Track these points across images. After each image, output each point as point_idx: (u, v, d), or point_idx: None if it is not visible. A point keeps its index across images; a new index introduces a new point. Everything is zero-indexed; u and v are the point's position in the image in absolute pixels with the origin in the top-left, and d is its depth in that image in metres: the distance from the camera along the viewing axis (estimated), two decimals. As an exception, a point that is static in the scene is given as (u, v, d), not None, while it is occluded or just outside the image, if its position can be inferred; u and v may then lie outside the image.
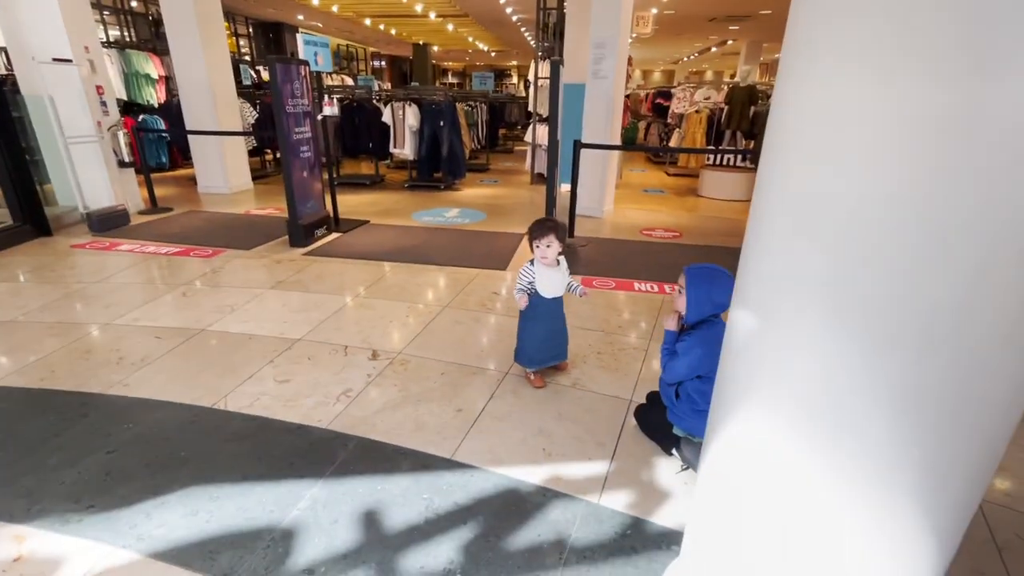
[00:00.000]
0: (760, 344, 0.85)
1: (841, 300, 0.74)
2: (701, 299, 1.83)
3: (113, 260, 4.26)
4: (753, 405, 0.89)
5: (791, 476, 0.87)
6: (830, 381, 0.77)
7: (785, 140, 0.82)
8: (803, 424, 0.82)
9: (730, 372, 0.96)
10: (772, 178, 0.85)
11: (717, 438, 1.02)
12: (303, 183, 4.74)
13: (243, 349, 2.84)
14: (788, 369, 0.82)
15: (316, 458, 2.00)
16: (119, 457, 2.00)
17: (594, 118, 5.60)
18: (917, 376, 0.72)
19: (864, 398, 0.75)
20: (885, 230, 0.69)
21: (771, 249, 0.83)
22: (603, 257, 4.54)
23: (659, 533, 1.69)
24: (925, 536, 0.83)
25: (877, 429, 0.77)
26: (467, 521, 1.72)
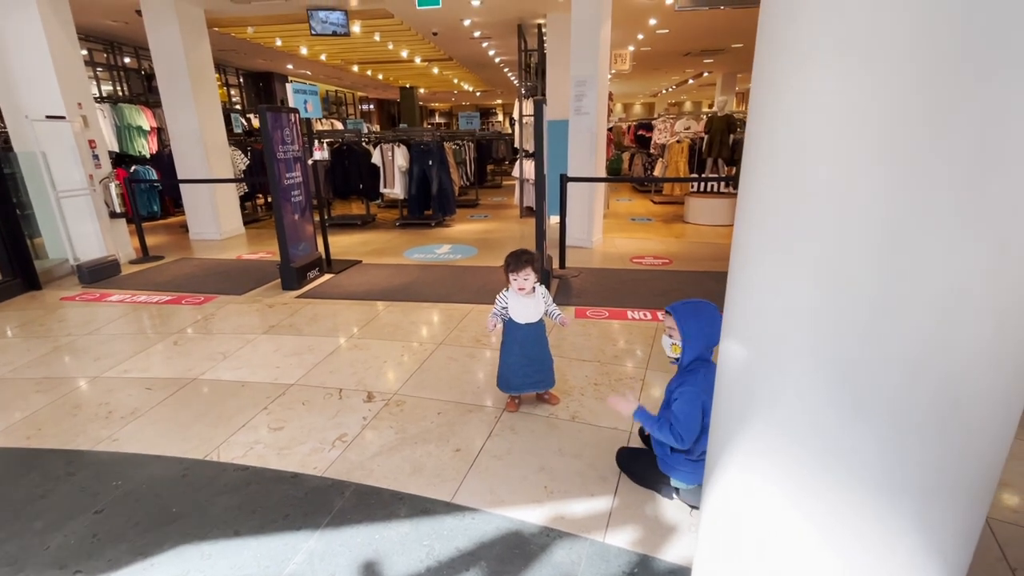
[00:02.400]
0: (750, 375, 0.86)
1: (827, 327, 0.75)
2: (694, 334, 1.80)
3: (103, 311, 4.22)
4: (747, 437, 0.89)
5: (789, 509, 0.86)
6: (819, 409, 0.77)
7: (759, 166, 0.85)
8: (797, 454, 0.82)
9: (724, 406, 0.96)
10: (751, 210, 0.88)
11: (716, 474, 1.02)
12: (294, 226, 4.78)
13: (236, 397, 2.79)
14: (778, 398, 0.82)
15: (312, 508, 1.95)
16: (107, 517, 1.93)
17: (578, 152, 5.74)
18: (908, 398, 0.72)
19: (856, 424, 0.75)
20: (867, 253, 0.71)
21: (754, 280, 0.85)
22: (595, 287, 4.57)
23: (667, 570, 1.65)
24: (931, 558, 0.82)
25: (870, 455, 0.77)
26: (470, 567, 1.67)
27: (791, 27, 0.74)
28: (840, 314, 0.74)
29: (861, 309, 0.72)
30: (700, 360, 1.83)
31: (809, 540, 0.85)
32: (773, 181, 0.80)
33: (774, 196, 0.80)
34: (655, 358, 3.13)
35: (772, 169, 0.81)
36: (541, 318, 2.46)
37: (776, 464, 0.85)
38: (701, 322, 1.80)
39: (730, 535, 1.00)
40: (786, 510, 0.86)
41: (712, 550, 1.08)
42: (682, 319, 1.82)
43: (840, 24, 0.68)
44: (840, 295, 0.74)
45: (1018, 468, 2.08)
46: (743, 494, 0.93)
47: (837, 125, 0.70)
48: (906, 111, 0.65)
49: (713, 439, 1.03)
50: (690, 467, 1.85)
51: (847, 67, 0.69)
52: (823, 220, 0.73)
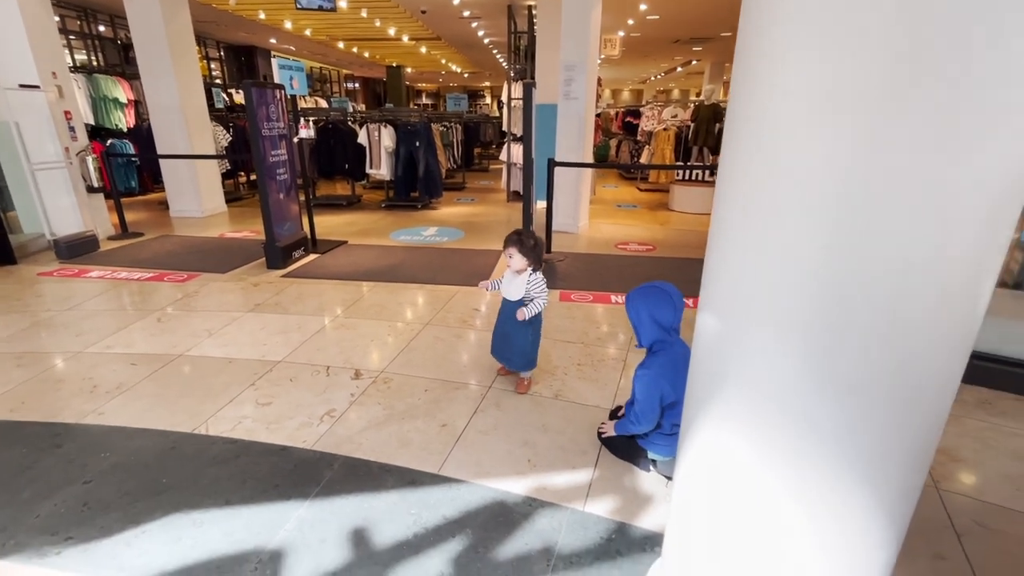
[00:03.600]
0: (724, 345, 0.93)
1: (792, 300, 0.82)
2: (641, 318, 1.88)
3: (82, 287, 4.16)
4: (719, 406, 0.96)
5: (755, 472, 0.94)
6: (785, 378, 0.85)
7: (738, 145, 0.91)
8: (765, 421, 0.89)
9: (699, 375, 1.03)
10: (729, 187, 0.94)
11: (689, 440, 1.09)
12: (280, 205, 4.74)
13: (223, 373, 2.81)
14: (748, 366, 0.89)
15: (301, 479, 2.00)
16: (96, 487, 1.95)
17: (567, 137, 5.76)
18: (862, 367, 0.80)
19: (816, 393, 0.83)
20: (828, 232, 0.78)
21: (729, 255, 0.91)
22: (580, 271, 4.64)
23: (643, 536, 1.75)
24: (879, 512, 0.91)
25: (830, 422, 0.85)
26: (456, 534, 1.74)
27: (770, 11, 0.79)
28: (803, 287, 0.81)
29: (822, 283, 0.79)
30: (661, 342, 1.90)
31: (775, 496, 0.93)
32: (748, 158, 0.86)
33: (748, 173, 0.86)
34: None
35: (748, 147, 0.86)
36: (520, 300, 2.50)
37: (745, 427, 0.92)
38: (649, 304, 1.86)
39: (701, 493, 1.08)
40: (754, 470, 0.93)
41: (684, 508, 1.16)
42: (630, 305, 1.90)
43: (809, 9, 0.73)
44: (802, 270, 0.80)
45: (970, 444, 2.22)
46: (714, 455, 1.01)
47: (805, 108, 0.76)
48: (866, 98, 0.71)
49: (688, 406, 1.10)
50: (665, 441, 1.95)
51: (815, 54, 0.74)
52: (790, 200, 0.79)
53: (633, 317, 1.89)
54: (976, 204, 0.72)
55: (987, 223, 0.73)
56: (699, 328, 1.03)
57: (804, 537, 0.94)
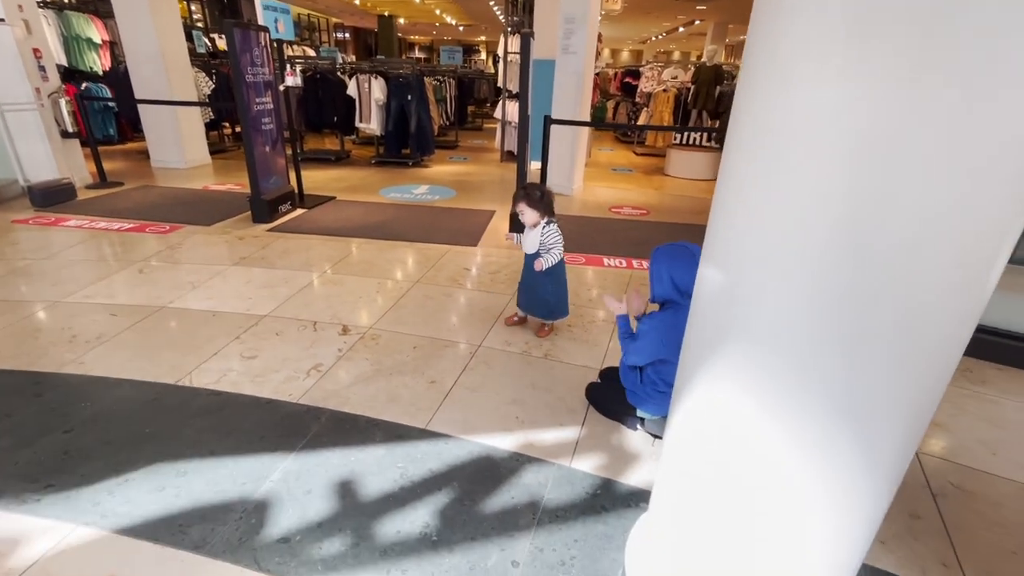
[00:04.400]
0: (727, 297, 0.89)
1: (801, 251, 0.78)
2: (660, 275, 1.84)
3: (60, 236, 4.02)
4: (719, 358, 0.93)
5: (753, 424, 0.92)
6: (790, 330, 0.81)
7: (752, 91, 0.85)
8: (767, 373, 0.86)
9: (699, 327, 1.00)
10: (743, 123, 0.88)
11: (686, 393, 1.07)
12: (265, 157, 4.57)
13: (206, 326, 2.75)
14: (751, 319, 0.86)
15: (287, 432, 1.98)
16: (77, 436, 1.92)
17: (564, 94, 5.57)
18: (866, 323, 0.77)
19: (820, 346, 0.80)
20: (841, 182, 0.73)
21: (734, 205, 0.87)
22: (573, 234, 4.57)
23: (628, 492, 1.77)
24: (874, 474, 0.90)
25: (835, 375, 0.82)
26: (442, 487, 1.75)
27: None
28: (815, 234, 0.76)
29: (837, 230, 0.75)
30: (672, 302, 1.87)
31: (773, 449, 0.92)
32: (764, 104, 0.80)
33: (761, 112, 0.80)
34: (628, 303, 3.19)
35: (763, 93, 0.80)
36: (537, 253, 2.59)
37: (746, 378, 0.89)
38: (673, 264, 1.82)
39: (695, 447, 1.07)
40: (753, 422, 0.92)
41: (676, 462, 1.16)
42: (654, 259, 1.86)
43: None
44: (817, 217, 0.76)
45: (948, 410, 2.26)
46: (711, 407, 0.99)
47: (827, 34, 0.70)
48: (894, 44, 0.65)
49: (686, 358, 1.08)
50: (656, 399, 1.95)
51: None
52: (807, 140, 0.74)
53: (653, 271, 1.85)
54: (1005, 160, 0.67)
55: (1014, 182, 0.69)
56: (701, 280, 0.99)
57: (800, 489, 0.93)
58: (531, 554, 1.52)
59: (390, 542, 1.54)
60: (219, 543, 1.51)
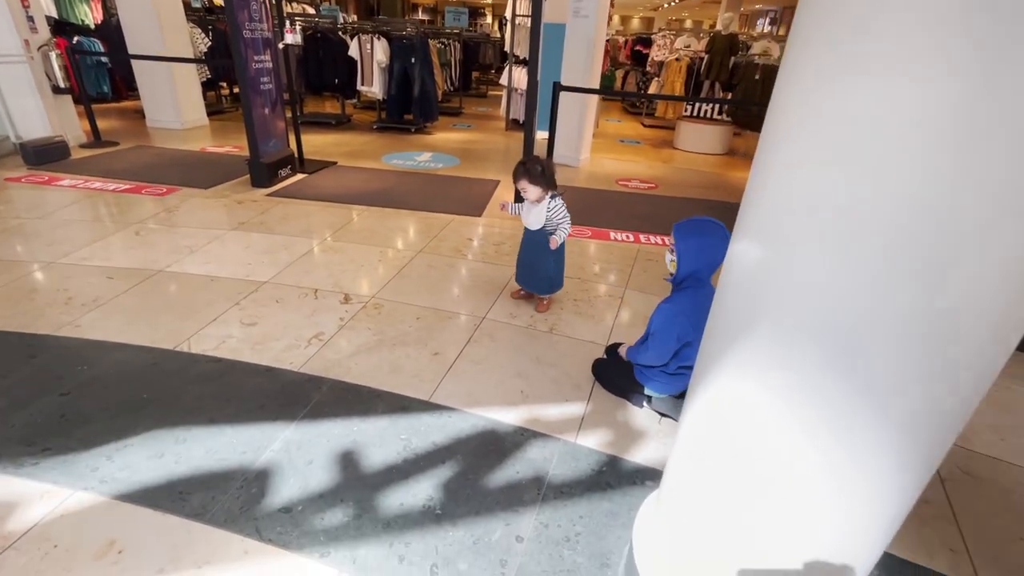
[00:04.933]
0: (761, 276, 0.83)
1: (854, 226, 0.71)
2: (690, 251, 1.74)
3: (54, 196, 3.92)
4: (749, 342, 0.87)
5: (781, 415, 0.87)
6: (838, 310, 0.75)
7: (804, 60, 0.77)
8: (803, 359, 0.81)
9: (727, 310, 0.94)
10: (795, 84, 0.80)
11: (708, 377, 1.02)
12: (264, 119, 4.42)
13: (205, 291, 2.69)
14: (787, 304, 0.80)
15: (288, 400, 1.95)
16: (74, 399, 1.89)
17: (574, 60, 5.37)
18: (925, 310, 0.71)
19: (873, 329, 0.74)
20: (908, 151, 0.66)
21: (780, 173, 0.79)
22: (579, 206, 4.47)
23: (633, 470, 1.74)
24: (905, 475, 0.85)
25: (883, 361, 0.76)
26: (446, 460, 1.72)
27: None
28: (876, 219, 0.69)
29: (901, 217, 0.68)
30: (693, 279, 1.79)
31: (800, 442, 0.87)
32: (818, 52, 0.71)
33: (826, 101, 0.71)
34: (635, 278, 3.14)
35: (834, 74, 0.71)
36: (543, 229, 2.50)
37: (776, 367, 0.84)
38: (703, 241, 1.74)
39: (715, 434, 1.03)
40: (781, 412, 0.86)
41: (693, 448, 1.12)
42: (681, 235, 1.77)
43: None
44: (875, 193, 0.69)
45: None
46: (735, 395, 0.94)
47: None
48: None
49: (709, 342, 1.02)
50: (665, 378, 1.91)
51: None
52: (875, 128, 0.66)
53: (682, 248, 1.76)
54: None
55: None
56: (736, 259, 0.92)
57: (823, 483, 0.89)
58: (536, 529, 1.51)
59: (393, 514, 1.52)
60: (220, 511, 1.49)
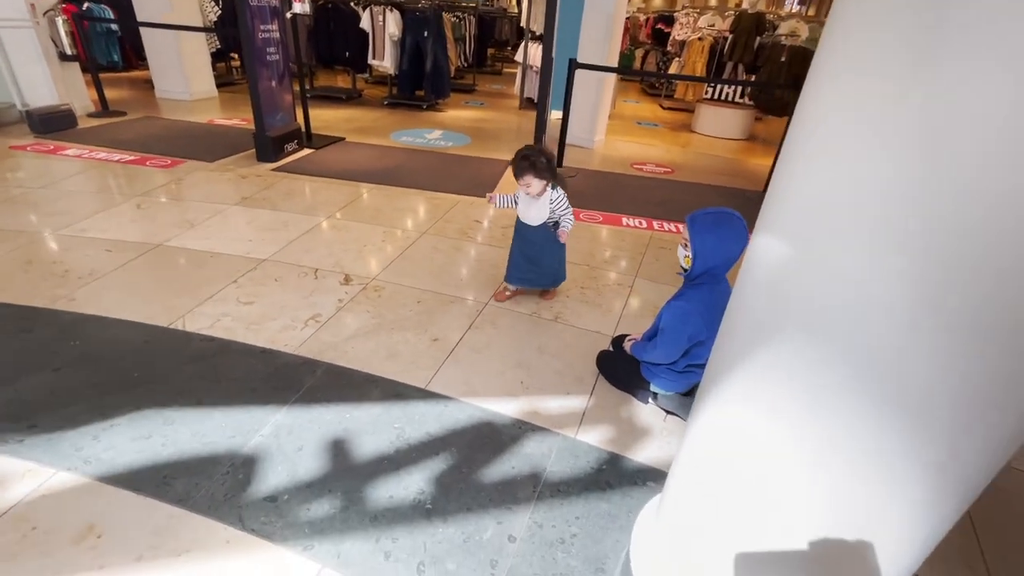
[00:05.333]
0: (789, 274, 0.73)
1: (906, 223, 0.61)
2: (706, 245, 1.61)
3: (58, 165, 3.88)
4: (774, 342, 0.77)
5: (809, 424, 0.78)
6: (880, 320, 0.65)
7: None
8: (837, 360, 0.71)
9: (748, 308, 0.84)
10: (830, 62, 0.69)
11: (724, 381, 0.92)
12: (271, 91, 4.31)
13: (203, 267, 2.64)
14: (819, 305, 0.70)
15: (281, 384, 1.89)
16: (65, 376, 1.85)
17: (592, 36, 5.16)
18: (988, 321, 0.60)
19: (910, 342, 0.64)
20: (986, 139, 0.55)
21: (816, 162, 0.68)
22: (591, 190, 4.34)
23: (635, 469, 1.66)
24: (935, 505, 0.76)
25: (916, 379, 0.67)
26: (439, 452, 1.66)
27: None
28: (931, 215, 0.58)
29: (957, 203, 0.57)
30: (709, 275, 1.67)
31: (815, 466, 0.78)
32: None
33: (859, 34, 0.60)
34: (645, 266, 3.03)
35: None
36: (548, 227, 2.36)
37: (797, 382, 0.74)
38: (720, 235, 1.61)
39: (722, 449, 0.94)
40: (798, 436, 0.77)
41: (700, 447, 1.03)
42: (697, 231, 1.63)
43: None
44: (935, 187, 0.58)
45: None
46: (748, 410, 0.85)
47: None
48: None
49: (723, 347, 0.93)
50: (672, 375, 1.82)
51: None
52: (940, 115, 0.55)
53: (697, 244, 1.63)
54: None
55: None
56: (756, 255, 0.82)
57: (848, 522, 0.80)
58: (529, 529, 1.44)
59: (382, 507, 1.46)
60: (203, 498, 1.44)
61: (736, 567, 1.00)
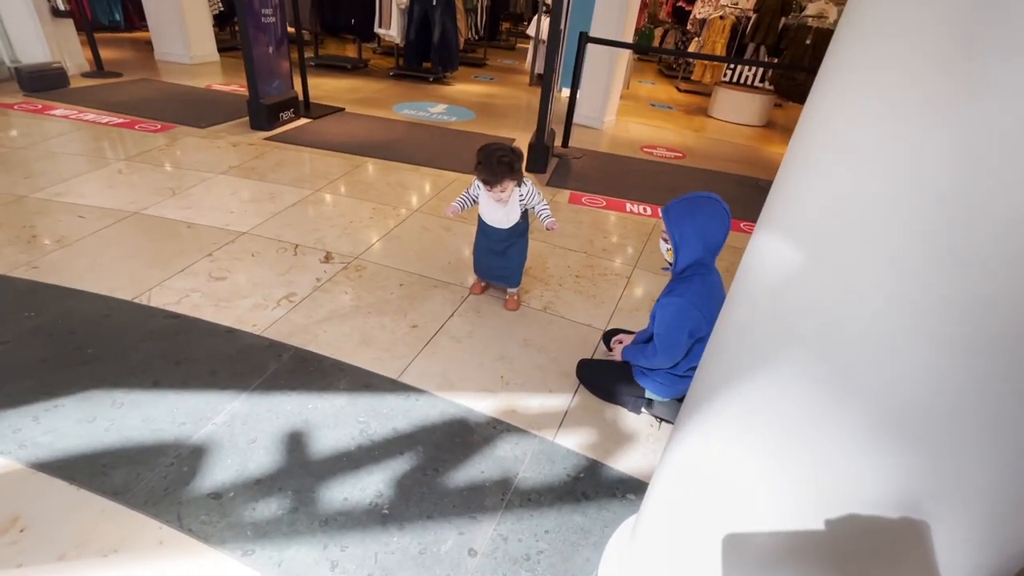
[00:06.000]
0: (794, 279, 0.57)
1: (936, 236, 0.45)
2: (687, 236, 1.48)
3: (43, 125, 3.74)
4: (775, 362, 0.62)
5: (826, 451, 0.63)
6: (889, 335, 0.50)
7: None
8: (839, 386, 0.56)
9: (740, 318, 0.69)
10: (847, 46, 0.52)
11: (708, 401, 0.78)
12: (267, 56, 4.12)
13: (179, 238, 2.51)
14: (832, 312, 0.55)
15: (243, 368, 1.77)
16: (13, 349, 1.74)
17: (606, 11, 4.88)
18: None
19: (947, 349, 0.49)
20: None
21: (833, 155, 0.52)
22: (596, 172, 4.13)
23: (615, 480, 1.53)
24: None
25: (941, 399, 0.52)
26: (404, 451, 1.54)
27: None
28: (971, 226, 0.43)
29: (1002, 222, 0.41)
30: (697, 266, 1.53)
31: (803, 500, 0.63)
32: None
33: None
34: (647, 256, 2.86)
35: None
36: (517, 224, 2.09)
37: (801, 406, 0.60)
38: (697, 221, 1.48)
39: (704, 475, 0.80)
40: (798, 469, 0.63)
41: (682, 464, 0.90)
42: (672, 220, 1.51)
43: None
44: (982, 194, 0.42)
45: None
46: (737, 439, 0.70)
47: None
48: None
49: (710, 362, 0.78)
50: (670, 380, 1.67)
51: None
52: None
53: (675, 235, 1.49)
54: None
55: None
56: (753, 260, 0.66)
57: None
58: (493, 542, 1.32)
59: (334, 511, 1.35)
60: (141, 491, 1.33)
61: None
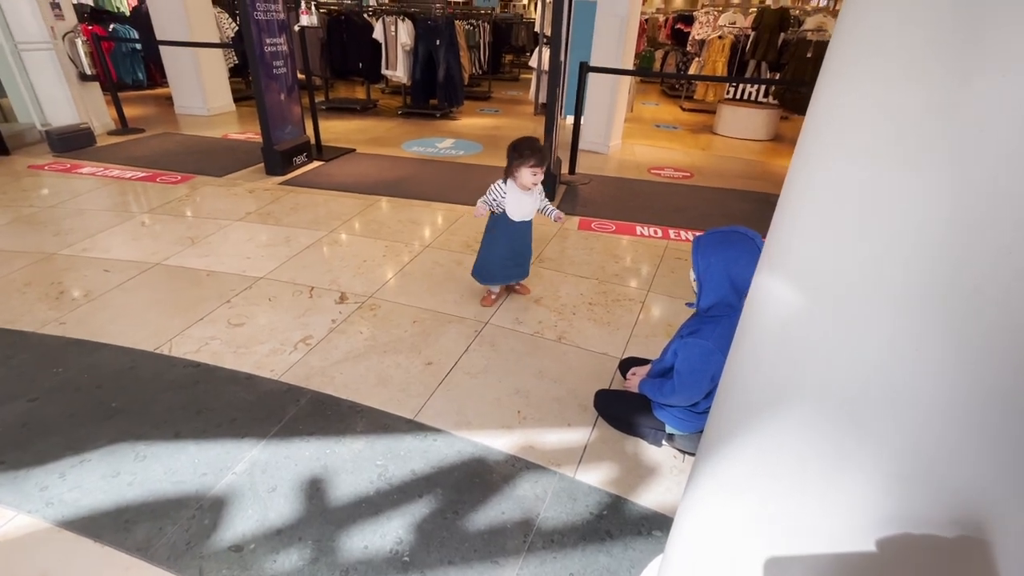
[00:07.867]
0: (798, 326, 0.56)
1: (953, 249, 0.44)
2: (713, 274, 1.41)
3: (71, 184, 3.92)
4: (790, 409, 0.61)
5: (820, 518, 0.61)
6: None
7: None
8: (845, 436, 0.54)
9: (748, 380, 0.67)
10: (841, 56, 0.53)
11: (724, 447, 0.76)
12: (279, 104, 4.28)
13: (198, 286, 2.57)
14: (842, 361, 0.53)
15: (262, 414, 1.78)
16: (41, 406, 1.78)
17: (605, 39, 5.00)
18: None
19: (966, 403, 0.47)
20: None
21: (844, 171, 0.52)
22: (605, 197, 4.16)
23: (640, 516, 1.49)
24: None
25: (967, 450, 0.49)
26: (423, 494, 1.52)
27: None
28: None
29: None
30: (723, 306, 1.45)
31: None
32: None
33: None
34: (660, 280, 2.84)
35: None
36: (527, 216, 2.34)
37: (812, 437, 0.58)
38: (726, 255, 1.39)
39: (724, 525, 0.77)
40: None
41: (703, 510, 0.86)
42: (700, 250, 1.43)
43: None
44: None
45: None
46: (751, 486, 0.68)
47: None
48: None
49: (724, 406, 0.76)
50: (691, 416, 1.63)
51: None
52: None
53: (701, 269, 1.42)
54: None
55: None
56: (762, 295, 0.65)
57: None
58: (517, 588, 1.28)
59: (355, 559, 1.33)
60: (164, 546, 1.33)
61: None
